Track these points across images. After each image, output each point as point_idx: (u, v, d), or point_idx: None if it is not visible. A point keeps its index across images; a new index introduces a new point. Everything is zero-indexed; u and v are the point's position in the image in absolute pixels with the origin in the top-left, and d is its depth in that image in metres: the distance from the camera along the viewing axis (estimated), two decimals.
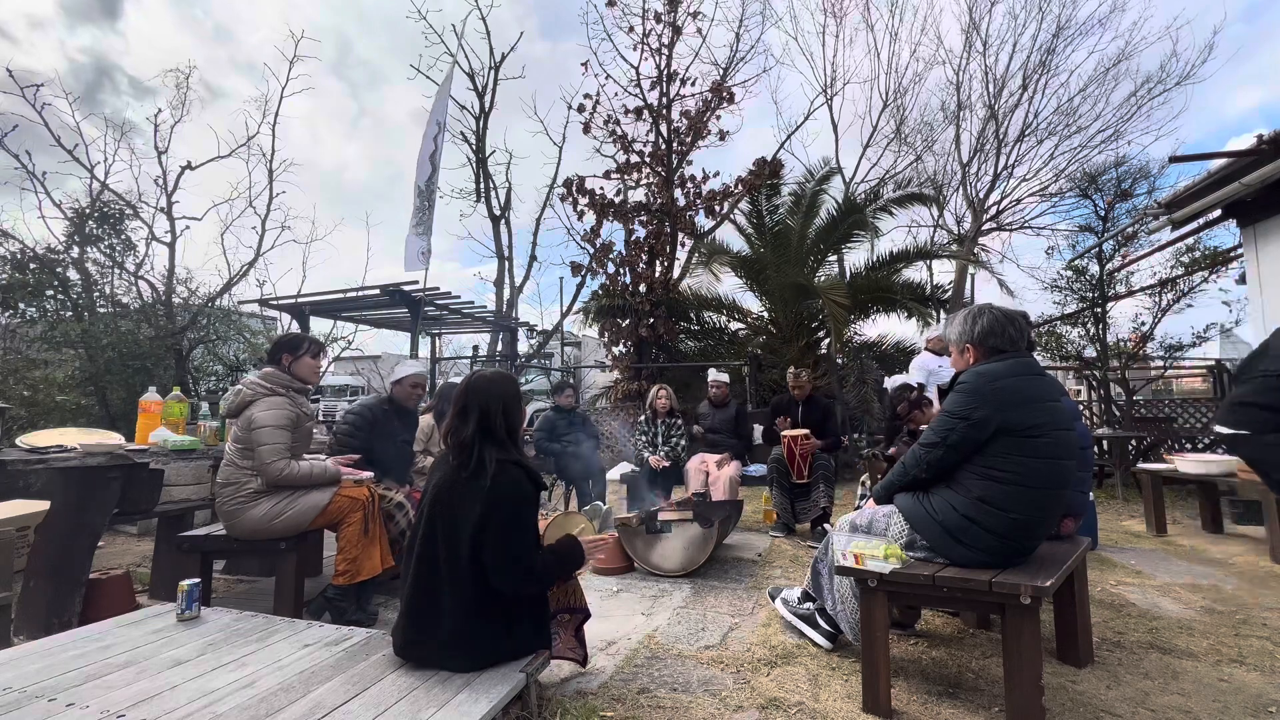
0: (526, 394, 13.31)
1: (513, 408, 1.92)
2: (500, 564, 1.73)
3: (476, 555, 1.74)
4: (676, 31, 10.97)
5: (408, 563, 1.86)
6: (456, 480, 1.80)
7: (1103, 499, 6.05)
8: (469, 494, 1.77)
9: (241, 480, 2.62)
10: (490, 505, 1.74)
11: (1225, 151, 4.37)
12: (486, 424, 1.86)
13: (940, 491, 2.07)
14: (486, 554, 1.74)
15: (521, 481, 1.82)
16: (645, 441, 5.05)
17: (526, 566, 1.77)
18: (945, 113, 13.84)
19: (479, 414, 1.86)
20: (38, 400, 6.67)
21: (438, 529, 1.78)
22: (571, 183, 10.83)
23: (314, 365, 2.91)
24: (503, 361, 10.11)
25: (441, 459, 1.94)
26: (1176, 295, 8.46)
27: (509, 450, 1.86)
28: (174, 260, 9.02)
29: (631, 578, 3.57)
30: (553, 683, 2.14)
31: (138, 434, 3.26)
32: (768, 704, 2.01)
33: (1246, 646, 2.48)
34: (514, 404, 1.93)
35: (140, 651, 1.92)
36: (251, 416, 2.64)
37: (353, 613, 2.73)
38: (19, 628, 2.53)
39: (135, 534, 4.76)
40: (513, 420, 1.91)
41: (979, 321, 2.16)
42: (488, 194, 12.72)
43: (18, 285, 7.34)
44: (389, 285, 6.12)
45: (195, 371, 8.65)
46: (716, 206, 10.82)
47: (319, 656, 1.88)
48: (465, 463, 1.80)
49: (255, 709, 1.54)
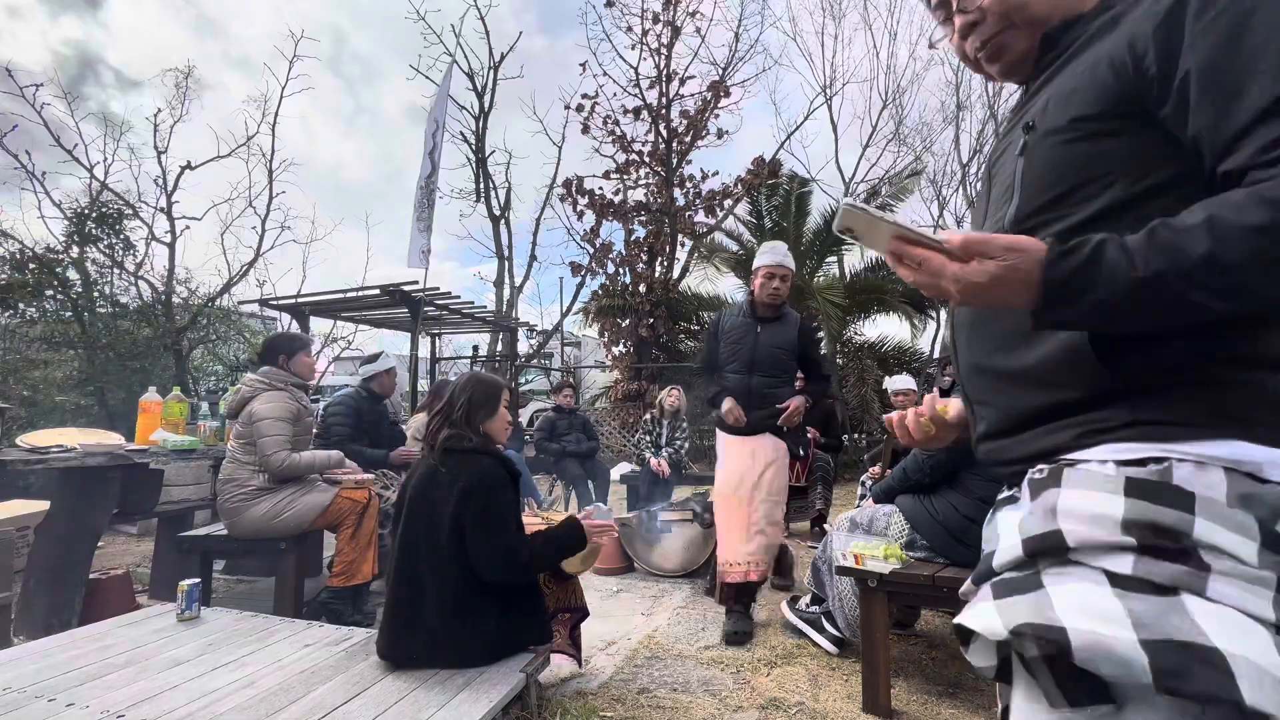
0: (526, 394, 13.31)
1: (483, 404, 1.97)
2: (482, 552, 1.75)
3: (458, 548, 1.75)
4: (675, 31, 10.97)
5: (390, 562, 1.87)
6: (433, 476, 1.83)
7: None
8: (444, 487, 1.80)
9: (243, 478, 2.62)
10: (464, 494, 1.77)
11: None
12: (457, 420, 1.92)
13: (943, 492, 2.08)
14: (468, 544, 1.75)
15: (493, 469, 1.85)
16: (649, 442, 5.02)
17: (509, 554, 1.77)
18: (944, 113, 13.87)
19: (450, 411, 1.94)
20: (38, 400, 6.67)
21: (418, 526, 1.80)
22: (571, 183, 10.84)
23: (310, 362, 2.96)
24: (503, 361, 10.12)
25: (422, 458, 1.97)
26: None
27: (479, 443, 1.91)
28: (174, 260, 9.03)
29: (631, 578, 3.57)
30: (553, 683, 2.14)
31: (138, 434, 3.26)
32: (768, 704, 2.01)
33: None
34: (485, 400, 1.98)
35: (140, 651, 1.91)
36: (252, 410, 2.66)
37: (350, 615, 2.73)
38: (19, 628, 2.53)
39: (135, 534, 4.76)
40: (483, 415, 1.96)
41: None
42: (487, 194, 12.73)
43: (17, 285, 7.33)
44: (389, 285, 6.11)
45: (195, 371, 8.65)
46: (716, 206, 10.82)
47: (319, 657, 1.87)
48: (439, 458, 1.85)
49: (255, 709, 1.54)
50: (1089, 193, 0.70)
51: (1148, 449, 0.62)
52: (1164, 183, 0.67)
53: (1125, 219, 0.65)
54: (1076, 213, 0.71)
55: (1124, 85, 0.68)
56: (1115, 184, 0.69)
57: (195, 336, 8.55)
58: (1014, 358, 0.75)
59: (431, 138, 7.76)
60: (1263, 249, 0.56)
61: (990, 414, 0.81)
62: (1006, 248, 0.64)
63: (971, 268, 0.65)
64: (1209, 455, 0.60)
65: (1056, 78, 0.77)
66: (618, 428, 9.53)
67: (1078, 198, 0.71)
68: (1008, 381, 0.77)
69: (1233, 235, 0.56)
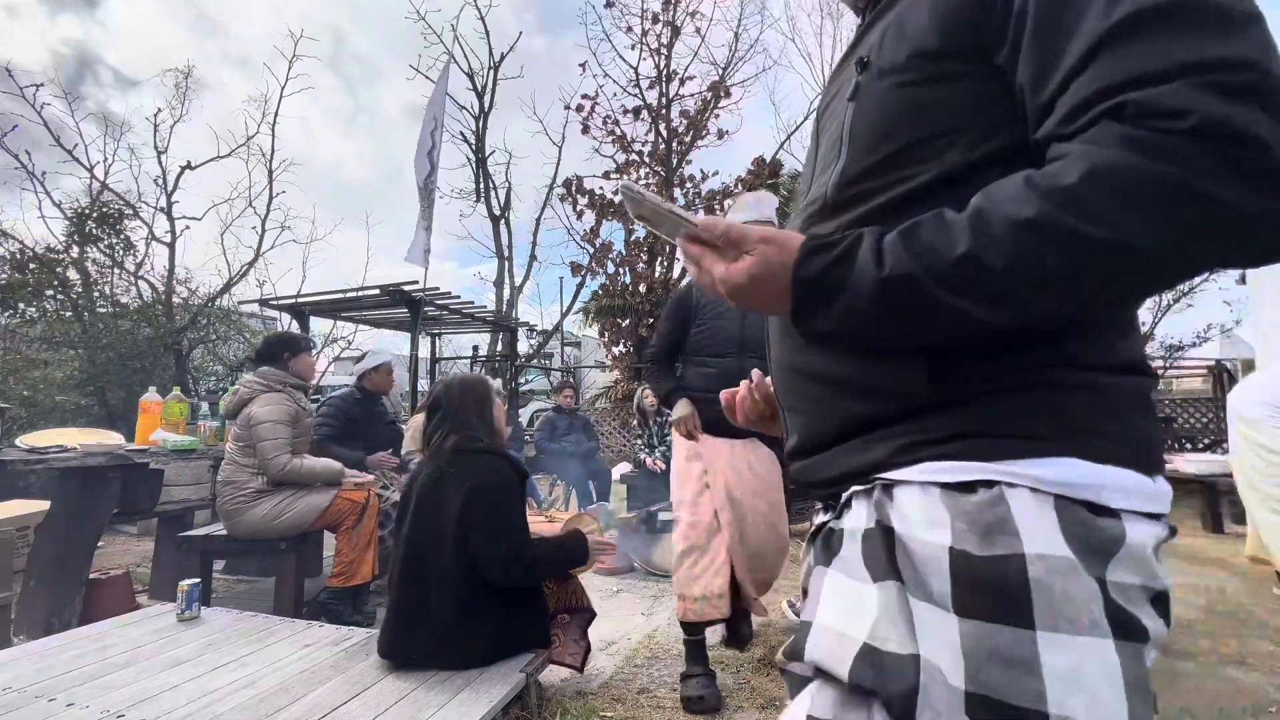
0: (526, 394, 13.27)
1: (484, 404, 1.99)
2: (487, 552, 1.75)
3: (462, 548, 1.75)
4: (675, 31, 10.97)
5: (394, 562, 1.87)
6: (438, 477, 1.83)
7: None
8: (450, 487, 1.80)
9: (242, 479, 2.62)
10: (473, 495, 1.77)
11: None
12: (459, 421, 1.93)
13: None
14: (473, 543, 1.75)
15: (501, 468, 1.85)
16: (641, 444, 5.03)
17: (514, 554, 1.77)
18: None
19: (452, 413, 1.94)
20: (38, 400, 6.66)
21: (423, 525, 1.80)
22: (571, 183, 10.83)
23: (311, 362, 2.95)
24: (503, 361, 10.12)
25: (427, 459, 1.97)
26: (1176, 295, 8.47)
27: (485, 442, 1.92)
28: (174, 260, 9.03)
29: (631, 578, 3.57)
30: (553, 683, 2.14)
31: (138, 434, 3.26)
32: (768, 704, 2.01)
33: (1247, 647, 2.48)
34: (485, 401, 2.00)
35: (140, 651, 1.91)
36: (250, 413, 2.65)
37: (349, 615, 2.73)
38: (19, 628, 2.53)
39: (135, 534, 4.76)
40: (485, 416, 1.98)
41: None
42: (487, 194, 12.73)
43: (18, 285, 7.33)
44: (389, 285, 6.10)
45: (195, 371, 8.64)
46: (716, 206, 10.82)
47: (319, 657, 1.87)
48: (444, 459, 1.85)
49: (255, 709, 1.54)
50: (926, 152, 0.55)
51: (974, 469, 0.50)
52: (1002, 150, 0.53)
53: (968, 191, 0.50)
54: (909, 179, 0.56)
55: (973, 13, 0.53)
56: (958, 144, 0.54)
57: (195, 336, 8.55)
58: (829, 356, 0.61)
59: (431, 136, 7.76)
60: (1028, 250, 0.44)
61: (801, 423, 0.67)
62: (760, 239, 0.54)
63: (736, 265, 0.55)
64: (1042, 479, 0.48)
65: (899, 3, 0.62)
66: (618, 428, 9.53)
67: (914, 158, 0.56)
68: (821, 384, 0.63)
69: (997, 232, 0.45)
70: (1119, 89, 0.43)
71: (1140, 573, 0.47)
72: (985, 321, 0.47)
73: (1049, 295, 0.45)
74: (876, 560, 0.53)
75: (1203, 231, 0.41)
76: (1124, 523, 0.48)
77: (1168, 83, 0.41)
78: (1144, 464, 0.50)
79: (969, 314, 0.47)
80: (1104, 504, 0.48)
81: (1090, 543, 0.47)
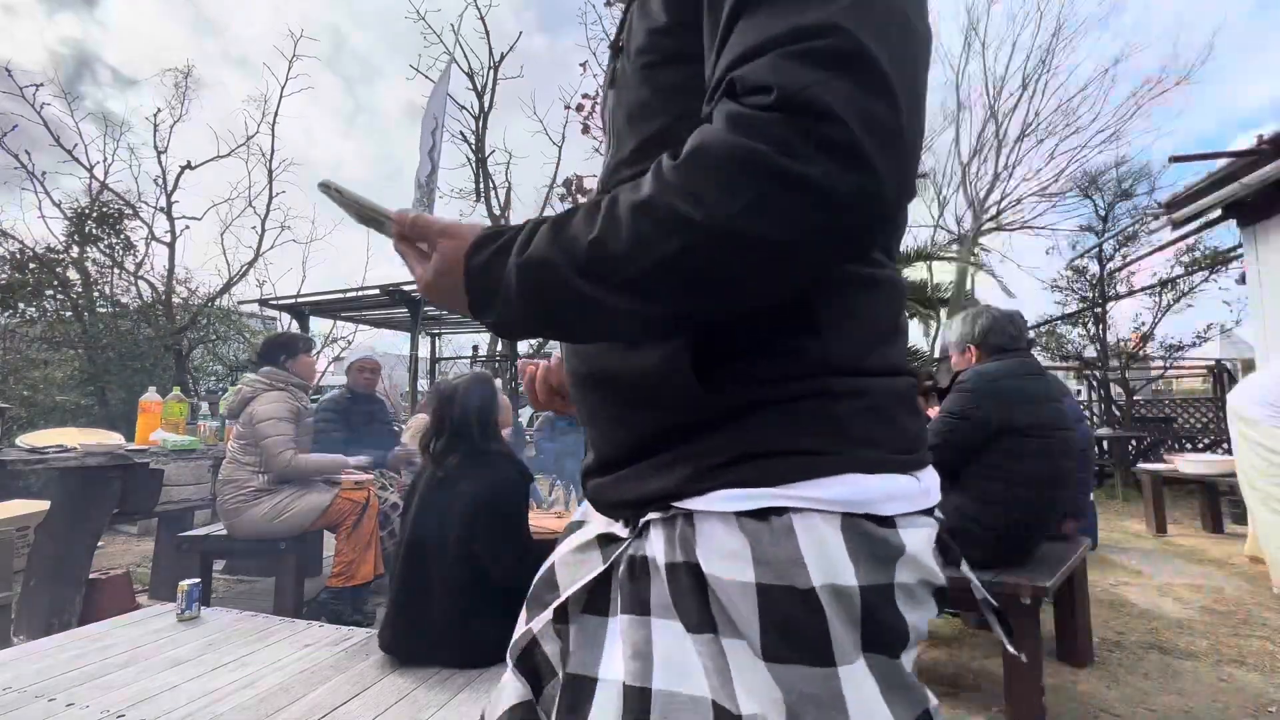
0: None
1: (486, 406, 1.97)
2: (493, 552, 1.75)
3: (466, 549, 1.75)
4: None
5: (396, 562, 1.87)
6: (446, 477, 1.83)
7: (1103, 499, 6.06)
8: (454, 489, 1.80)
9: (243, 479, 2.62)
10: (480, 495, 1.77)
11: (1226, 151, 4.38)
12: (462, 422, 1.91)
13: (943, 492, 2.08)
14: (483, 545, 1.75)
15: (509, 470, 1.85)
16: None
17: (524, 554, 1.77)
18: (945, 113, 13.86)
19: (454, 416, 1.92)
20: (38, 400, 6.67)
21: (427, 526, 1.80)
22: (571, 182, 10.85)
23: (311, 362, 2.96)
24: (503, 361, 10.12)
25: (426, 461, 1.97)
26: (1177, 295, 8.48)
27: (489, 443, 1.91)
28: (174, 260, 9.05)
29: None
30: None
31: (138, 434, 3.26)
32: None
33: (1246, 646, 2.48)
34: (487, 402, 1.98)
35: (140, 651, 1.91)
36: (253, 411, 2.66)
37: (349, 615, 2.73)
38: (19, 628, 2.53)
39: (135, 534, 4.76)
40: (487, 416, 1.96)
41: (979, 321, 2.18)
42: (487, 194, 12.73)
43: (18, 285, 7.34)
44: (389, 285, 6.11)
45: (195, 371, 8.65)
46: None
47: (319, 657, 1.87)
48: (449, 461, 1.85)
49: (255, 709, 1.54)
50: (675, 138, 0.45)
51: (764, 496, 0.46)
52: None
53: None
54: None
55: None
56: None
57: (195, 336, 8.56)
58: (622, 359, 0.54)
59: (431, 136, 7.76)
60: (644, 233, 0.41)
61: (596, 439, 0.60)
62: (439, 232, 0.51)
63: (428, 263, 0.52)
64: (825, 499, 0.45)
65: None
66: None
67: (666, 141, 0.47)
68: (612, 393, 0.56)
69: (620, 213, 0.42)
70: (733, 65, 0.41)
71: (921, 572, 0.48)
72: (630, 312, 0.43)
73: (674, 282, 0.41)
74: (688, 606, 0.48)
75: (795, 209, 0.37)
76: (900, 530, 0.47)
77: (761, 56, 0.39)
78: (911, 465, 0.50)
79: (605, 303, 0.43)
80: (883, 514, 0.46)
81: (876, 556, 0.46)
